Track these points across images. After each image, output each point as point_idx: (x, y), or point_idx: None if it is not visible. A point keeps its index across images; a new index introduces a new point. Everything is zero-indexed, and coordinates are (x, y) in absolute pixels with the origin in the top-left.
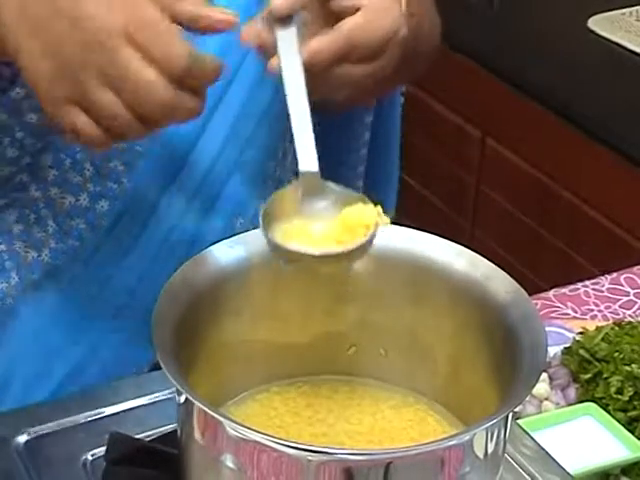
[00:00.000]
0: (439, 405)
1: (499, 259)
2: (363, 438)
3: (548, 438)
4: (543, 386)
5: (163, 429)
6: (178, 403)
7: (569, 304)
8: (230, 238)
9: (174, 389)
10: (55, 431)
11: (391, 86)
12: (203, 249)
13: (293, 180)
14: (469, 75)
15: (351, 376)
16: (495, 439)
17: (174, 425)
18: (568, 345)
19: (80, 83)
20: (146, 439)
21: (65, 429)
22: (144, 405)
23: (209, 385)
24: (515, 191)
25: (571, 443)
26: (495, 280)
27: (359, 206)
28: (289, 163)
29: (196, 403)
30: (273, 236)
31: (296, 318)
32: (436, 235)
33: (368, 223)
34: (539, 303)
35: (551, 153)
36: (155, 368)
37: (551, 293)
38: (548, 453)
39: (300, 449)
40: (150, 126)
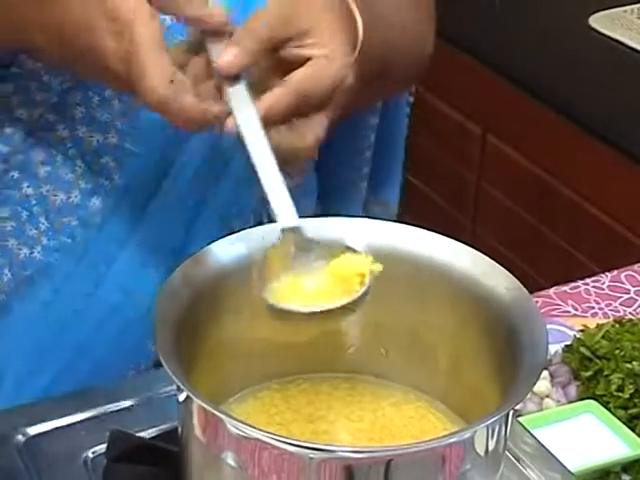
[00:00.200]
0: (440, 402)
1: (500, 256)
2: (364, 435)
3: (549, 436)
4: (544, 384)
5: (164, 427)
6: (179, 401)
7: (570, 302)
8: (230, 236)
9: (175, 387)
10: (55, 429)
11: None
12: (196, 245)
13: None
14: (470, 72)
15: (351, 374)
16: (496, 437)
17: (175, 423)
18: (569, 343)
19: None
20: (147, 437)
21: (65, 427)
22: (145, 403)
23: (210, 383)
24: (516, 188)
25: (572, 441)
26: (496, 278)
27: (348, 256)
28: None
29: (197, 401)
30: (266, 298)
31: (296, 316)
32: (436, 232)
33: (361, 272)
34: (540, 301)
35: (552, 150)
36: (156, 366)
37: (552, 291)
38: (549, 450)
39: (301, 447)
40: None
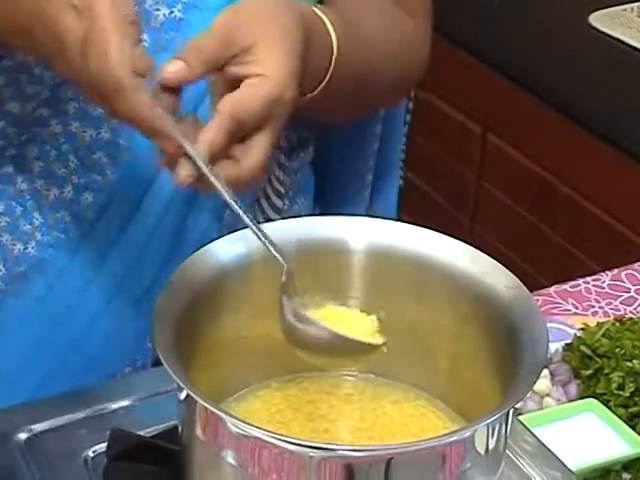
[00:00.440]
0: (440, 401)
1: (500, 255)
2: (364, 434)
3: (549, 434)
4: (544, 382)
5: (164, 425)
6: (179, 399)
7: (570, 300)
8: (230, 234)
9: (175, 385)
10: (56, 427)
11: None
12: (189, 241)
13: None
14: (470, 71)
15: (352, 372)
16: (496, 435)
17: (175, 421)
18: (569, 341)
19: None
20: (147, 435)
21: (66, 425)
22: (145, 401)
23: (210, 381)
24: (516, 187)
25: (572, 439)
26: (496, 276)
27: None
28: (278, 154)
29: (197, 399)
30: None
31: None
32: (437, 231)
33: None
34: (540, 299)
35: (552, 149)
36: (155, 364)
37: (552, 289)
38: (549, 449)
39: (301, 445)
40: None
